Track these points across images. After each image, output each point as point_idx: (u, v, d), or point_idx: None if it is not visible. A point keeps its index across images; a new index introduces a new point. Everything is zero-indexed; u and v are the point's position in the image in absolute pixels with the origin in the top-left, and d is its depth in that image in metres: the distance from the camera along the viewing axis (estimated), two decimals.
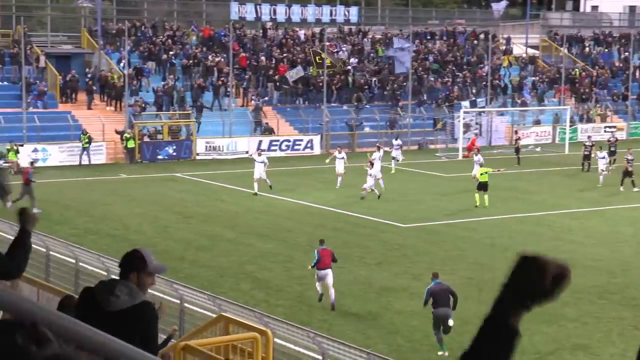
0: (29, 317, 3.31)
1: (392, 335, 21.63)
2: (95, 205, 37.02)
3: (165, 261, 27.53)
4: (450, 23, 79.97)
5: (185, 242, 31.33)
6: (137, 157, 52.04)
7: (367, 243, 31.54)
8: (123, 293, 6.48)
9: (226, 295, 22.82)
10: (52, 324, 3.34)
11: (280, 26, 70.16)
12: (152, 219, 35.22)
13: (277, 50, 65.97)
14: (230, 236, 32.12)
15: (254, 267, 27.96)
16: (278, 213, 36.74)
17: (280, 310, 22.88)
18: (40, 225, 31.78)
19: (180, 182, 44.84)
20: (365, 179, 40.29)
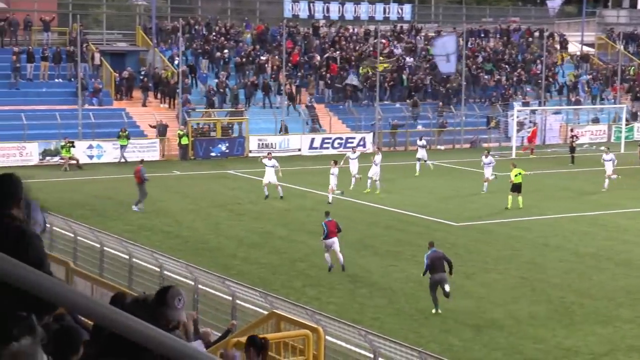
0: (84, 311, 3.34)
1: (444, 334, 21.53)
2: (148, 201, 37.27)
3: (217, 258, 27.90)
4: (504, 21, 79.40)
5: (237, 239, 31.44)
6: (191, 154, 52.36)
7: (419, 241, 31.35)
8: None
9: (278, 293, 22.85)
10: (106, 318, 3.37)
11: (333, 24, 70.20)
12: (204, 215, 35.40)
13: (330, 48, 65.98)
14: (281, 233, 32.18)
15: (306, 264, 27.98)
16: (331, 211, 36.66)
17: (331, 308, 22.87)
18: (94, 221, 32.35)
19: (232, 179, 45.03)
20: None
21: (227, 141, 54.04)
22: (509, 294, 24.93)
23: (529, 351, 20.37)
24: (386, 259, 28.51)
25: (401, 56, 66.91)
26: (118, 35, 67.52)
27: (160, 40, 62.73)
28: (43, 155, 49.18)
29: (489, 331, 21.68)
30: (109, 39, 65.19)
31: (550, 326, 22.10)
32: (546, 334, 21.51)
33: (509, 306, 23.77)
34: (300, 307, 19.73)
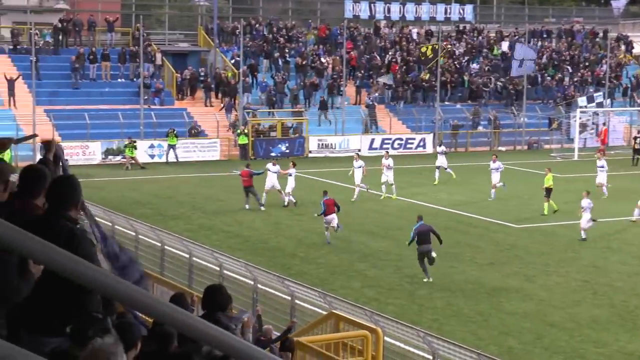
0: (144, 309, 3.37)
1: (504, 336, 21.36)
2: (209, 201, 37.52)
3: (276, 258, 27.98)
4: (567, 21, 78.57)
5: (297, 239, 31.51)
6: (251, 154, 52.60)
7: (479, 243, 31.25)
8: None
9: (336, 293, 22.86)
10: (166, 316, 3.39)
11: (394, 24, 70.10)
12: (264, 215, 35.52)
13: (390, 48, 65.89)
14: (340, 234, 32.15)
15: (365, 265, 27.96)
16: (389, 211, 36.67)
17: (390, 309, 22.82)
18: (155, 220, 32.60)
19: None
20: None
21: (287, 141, 54.20)
22: (570, 297, 24.67)
23: (591, 355, 20.14)
24: (445, 260, 28.36)
25: (462, 57, 66.59)
26: (180, 35, 68.06)
27: (222, 40, 63.10)
28: (105, 154, 49.74)
29: (550, 334, 21.48)
30: (171, 39, 65.75)
31: (613, 330, 21.83)
32: (608, 337, 21.26)
33: (570, 309, 23.53)
34: (359, 307, 19.74)
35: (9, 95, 51.94)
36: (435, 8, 68.59)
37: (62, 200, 6.35)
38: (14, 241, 3.36)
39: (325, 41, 65.24)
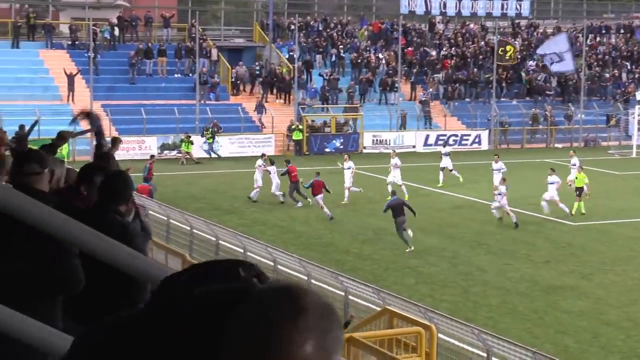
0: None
1: (560, 335, 21.15)
2: (263, 196, 37.61)
3: (330, 253, 27.97)
4: (627, 17, 77.55)
5: (351, 234, 31.48)
6: (305, 150, 52.67)
7: (534, 240, 30.97)
8: None
9: (390, 289, 22.80)
10: None
11: (450, 20, 69.74)
12: (318, 210, 35.51)
13: (446, 44, 65.58)
14: (394, 230, 32.06)
15: (419, 261, 27.86)
16: (443, 208, 36.50)
17: (444, 306, 22.70)
18: (210, 214, 32.79)
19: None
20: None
21: (341, 137, 54.19)
22: (627, 296, 24.36)
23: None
24: (501, 257, 28.18)
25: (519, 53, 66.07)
26: (235, 31, 68.36)
27: (277, 36, 63.27)
28: (161, 149, 50.11)
29: (606, 333, 21.23)
30: (227, 35, 66.05)
31: None
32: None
33: (627, 308, 23.24)
34: (413, 304, 19.67)
35: (69, 90, 52.57)
36: (491, 3, 68.02)
37: (113, 194, 6.44)
38: (69, 232, 3.37)
39: (379, 37, 65.09)
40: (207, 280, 2.17)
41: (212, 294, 2.14)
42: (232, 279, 2.19)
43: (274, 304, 1.97)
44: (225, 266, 2.22)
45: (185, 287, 2.16)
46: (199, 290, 2.14)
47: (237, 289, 2.13)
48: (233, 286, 2.15)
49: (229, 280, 2.18)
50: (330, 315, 2.02)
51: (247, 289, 2.13)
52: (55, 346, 3.49)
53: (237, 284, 2.17)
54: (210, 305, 2.12)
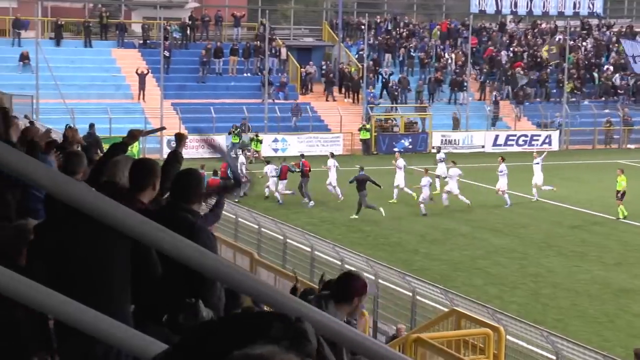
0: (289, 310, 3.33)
1: (631, 339, 20.80)
2: (329, 195, 37.60)
3: (397, 253, 27.86)
4: None
5: (419, 234, 31.36)
6: (373, 149, 52.59)
7: (606, 242, 30.54)
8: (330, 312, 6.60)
9: (458, 290, 22.66)
10: (286, 309, 3.36)
11: (521, 20, 69.10)
12: (386, 210, 35.38)
13: (516, 43, 65.00)
14: (464, 230, 31.90)
15: (488, 262, 27.65)
16: (513, 209, 36.16)
17: (513, 308, 22.50)
18: (278, 213, 32.88)
19: (415, 175, 44.86)
20: None
21: (410, 136, 54.02)
22: None
23: None
24: (571, 259, 27.85)
25: (591, 53, 65.22)
26: (305, 30, 68.52)
27: (346, 35, 63.27)
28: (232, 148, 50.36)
29: None
30: (296, 34, 66.24)
31: None
32: None
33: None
34: (481, 305, 19.52)
35: (139, 89, 53.19)
36: (563, 2, 67.19)
37: (185, 193, 6.48)
38: (141, 229, 3.39)
39: (448, 36, 64.73)
40: (238, 339, 2.07)
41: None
42: (262, 337, 2.08)
43: None
44: (258, 320, 2.13)
45: (218, 346, 2.08)
46: (232, 352, 2.02)
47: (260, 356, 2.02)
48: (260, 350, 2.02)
49: (259, 338, 2.07)
50: None
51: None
52: (134, 346, 3.51)
53: (267, 344, 2.05)
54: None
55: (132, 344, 3.48)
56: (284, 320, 2.03)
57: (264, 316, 2.06)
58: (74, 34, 59.21)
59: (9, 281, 3.38)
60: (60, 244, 5.56)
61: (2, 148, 3.34)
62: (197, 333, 2.15)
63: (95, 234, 5.38)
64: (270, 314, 2.07)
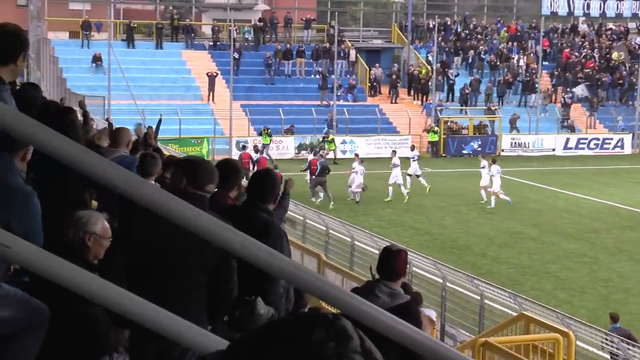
0: (334, 303, 3.34)
1: None
2: (399, 197, 37.54)
3: (466, 257, 27.71)
4: None
5: (487, 237, 31.14)
6: (442, 152, 52.38)
7: None
8: (384, 293, 6.64)
9: (527, 294, 22.44)
10: (354, 310, 3.35)
11: (594, 21, 68.24)
12: (454, 213, 35.28)
13: (588, 46, 64.22)
14: (533, 234, 31.61)
15: (557, 266, 27.35)
16: (584, 213, 35.74)
17: (583, 313, 22.23)
18: (346, 215, 32.89)
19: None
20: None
21: (479, 139, 53.68)
22: None
23: None
24: None
25: None
26: (374, 32, 68.46)
27: (415, 37, 63.09)
28: (298, 149, 50.55)
29: None
30: (365, 36, 66.21)
31: None
32: None
33: None
34: (551, 310, 19.31)
35: (209, 90, 53.63)
36: (637, 4, 66.21)
37: (261, 192, 6.60)
38: (211, 230, 3.41)
39: (518, 38, 64.15)
40: (276, 344, 2.00)
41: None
42: (302, 341, 2.00)
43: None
44: (297, 327, 2.04)
45: (255, 352, 2.02)
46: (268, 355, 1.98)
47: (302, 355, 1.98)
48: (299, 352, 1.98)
49: (299, 343, 1.99)
50: None
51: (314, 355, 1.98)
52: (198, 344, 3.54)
53: (307, 348, 1.99)
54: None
55: (208, 347, 3.50)
56: (324, 322, 2.01)
57: (304, 320, 2.03)
58: (145, 36, 59.91)
59: (81, 279, 3.42)
60: (141, 241, 5.71)
61: (77, 148, 3.39)
62: (245, 337, 2.14)
63: (176, 241, 5.47)
64: (309, 316, 2.03)
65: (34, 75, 52.76)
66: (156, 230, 5.47)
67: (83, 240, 5.73)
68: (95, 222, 5.80)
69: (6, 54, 5.52)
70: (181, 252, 5.56)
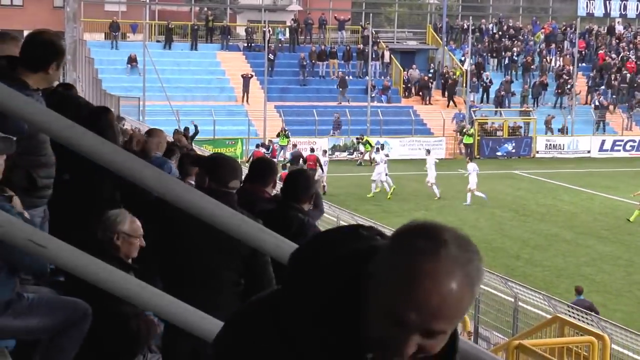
0: None
1: None
2: (433, 199, 37.46)
3: (500, 259, 27.59)
4: None
5: (521, 240, 30.99)
6: (476, 153, 52.17)
7: None
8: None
9: (561, 297, 22.28)
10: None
11: (631, 23, 67.75)
12: (488, 215, 35.15)
13: (625, 47, 63.75)
14: (567, 236, 31.41)
15: (592, 269, 27.16)
16: (619, 215, 35.46)
17: (618, 316, 22.05)
18: (379, 216, 32.88)
19: (518, 180, 44.43)
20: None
21: (513, 141, 53.43)
22: None
23: None
24: None
25: None
26: (408, 33, 68.35)
27: (450, 38, 62.91)
28: (332, 150, 50.56)
29: None
30: (400, 37, 66.11)
31: None
32: None
33: None
34: (585, 312, 19.18)
35: (243, 91, 53.80)
36: None
37: (295, 192, 6.63)
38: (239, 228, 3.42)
39: (553, 39, 63.78)
40: (333, 247, 2.19)
41: (342, 257, 2.15)
42: (355, 241, 2.20)
43: (412, 243, 1.99)
44: (345, 231, 2.26)
45: (314, 256, 2.19)
46: (327, 257, 2.16)
47: (365, 247, 2.16)
48: (360, 246, 2.17)
49: (353, 243, 2.20)
50: (469, 245, 2.05)
51: (375, 246, 2.16)
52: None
53: (362, 244, 2.19)
54: (343, 267, 2.13)
55: None
56: (360, 225, 2.30)
57: (346, 227, 2.33)
58: (180, 37, 60.18)
59: (112, 277, 3.44)
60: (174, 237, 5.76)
61: (110, 148, 3.40)
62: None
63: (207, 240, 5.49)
64: (347, 226, 2.32)
65: (70, 76, 53.12)
66: (189, 230, 5.49)
67: (112, 239, 5.77)
68: (123, 221, 5.83)
69: (37, 62, 5.58)
70: (212, 250, 5.58)
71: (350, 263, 2.13)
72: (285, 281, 2.22)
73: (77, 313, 5.19)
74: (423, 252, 2.01)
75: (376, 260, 2.07)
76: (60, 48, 5.73)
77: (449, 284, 2.01)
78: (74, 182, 6.76)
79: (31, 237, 3.35)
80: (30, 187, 5.73)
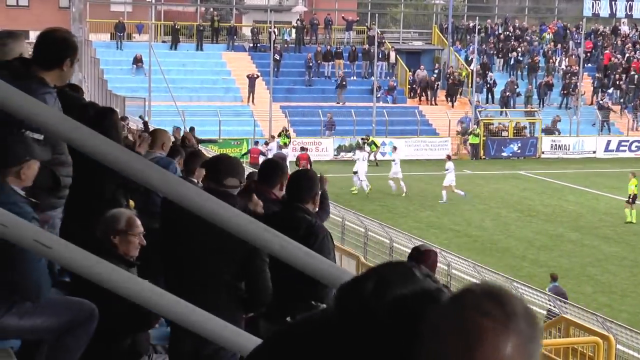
0: None
1: None
2: (438, 199, 37.44)
3: (505, 259, 27.58)
4: None
5: (527, 240, 30.97)
6: (482, 154, 52.15)
7: None
8: None
9: (566, 297, 22.28)
10: None
11: (637, 23, 67.64)
12: (493, 215, 35.14)
13: (630, 48, 63.64)
14: (573, 237, 31.39)
15: (597, 270, 27.14)
16: (625, 216, 35.43)
17: (624, 317, 22.02)
18: (385, 217, 32.83)
19: (523, 180, 44.40)
20: None
21: (519, 141, 53.38)
22: None
23: None
24: None
25: None
26: (414, 34, 68.32)
27: (456, 39, 62.87)
28: (337, 151, 50.55)
29: None
30: (405, 38, 66.08)
31: None
32: None
33: None
34: (591, 313, 19.16)
35: (249, 92, 53.80)
36: None
37: (299, 192, 6.60)
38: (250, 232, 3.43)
39: (559, 40, 63.72)
40: (392, 285, 2.18)
41: (405, 298, 2.15)
42: (410, 282, 2.19)
43: (482, 304, 1.96)
44: (402, 270, 2.24)
45: (375, 293, 2.17)
46: (390, 295, 2.15)
47: (427, 292, 2.16)
48: (424, 290, 2.17)
49: (409, 283, 2.19)
50: (534, 323, 2.00)
51: (436, 292, 2.16)
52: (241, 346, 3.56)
53: (416, 286, 2.18)
54: (405, 309, 2.13)
55: (241, 346, 3.52)
56: (413, 265, 2.30)
57: (401, 265, 2.31)
58: (186, 38, 60.22)
59: (119, 279, 3.45)
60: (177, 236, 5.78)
61: (114, 148, 3.42)
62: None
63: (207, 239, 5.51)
64: (401, 264, 2.31)
65: (76, 76, 53.13)
66: (191, 229, 5.50)
67: (109, 238, 5.78)
68: (119, 220, 5.84)
69: (51, 59, 5.60)
70: (210, 252, 5.60)
71: (412, 305, 2.13)
72: (336, 312, 2.20)
73: (83, 313, 5.20)
74: (492, 317, 1.97)
75: (439, 309, 2.05)
76: (73, 44, 5.76)
77: (507, 355, 1.97)
78: (75, 182, 6.78)
79: (37, 238, 3.36)
80: (55, 186, 5.75)
